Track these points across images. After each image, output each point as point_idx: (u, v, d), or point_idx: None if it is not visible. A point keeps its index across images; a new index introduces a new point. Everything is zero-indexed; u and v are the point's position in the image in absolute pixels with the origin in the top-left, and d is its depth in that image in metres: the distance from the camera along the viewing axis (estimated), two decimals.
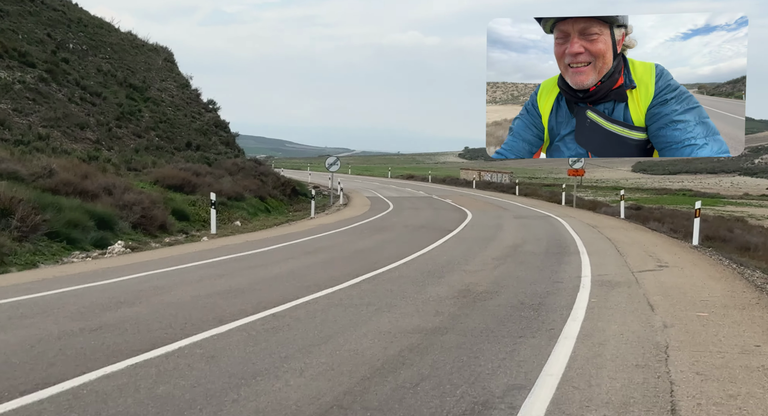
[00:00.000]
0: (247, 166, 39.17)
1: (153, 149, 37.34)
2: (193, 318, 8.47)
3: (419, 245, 17.61)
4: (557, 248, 17.40)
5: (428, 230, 22.43)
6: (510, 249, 17.12)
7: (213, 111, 45.73)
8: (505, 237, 20.26)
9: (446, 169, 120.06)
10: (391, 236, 20.32)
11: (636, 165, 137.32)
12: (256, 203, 32.44)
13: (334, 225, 24.36)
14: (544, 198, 45.91)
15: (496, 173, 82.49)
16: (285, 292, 10.29)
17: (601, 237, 20.81)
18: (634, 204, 52.35)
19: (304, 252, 15.96)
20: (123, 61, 43.13)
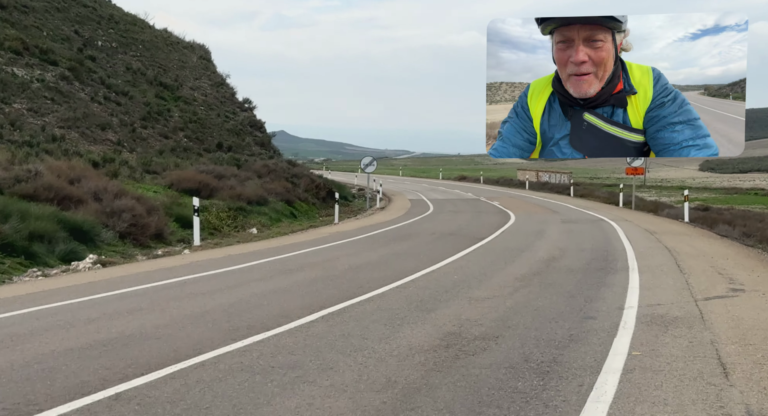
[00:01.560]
0: (279, 167, 36.42)
1: (180, 150, 34.91)
2: (33, 391, 5.46)
3: (433, 259, 14.36)
4: (601, 262, 13.93)
5: (456, 238, 19.11)
6: (542, 264, 13.72)
7: (249, 110, 43.18)
8: (543, 247, 16.82)
9: (504, 169, 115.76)
10: (407, 247, 17.10)
11: (703, 164, 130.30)
12: (281, 208, 29.57)
13: (352, 233, 21.26)
14: (601, 199, 41.93)
15: (554, 173, 78.30)
16: (192, 342, 7.20)
17: (659, 246, 17.17)
18: (701, 204, 48.02)
19: (284, 270, 12.87)
20: (155, 59, 40.91)
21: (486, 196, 43.58)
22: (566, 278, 11.88)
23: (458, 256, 14.97)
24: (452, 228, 22.46)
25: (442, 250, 16.09)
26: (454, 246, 17.05)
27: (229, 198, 26.91)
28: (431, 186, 59.17)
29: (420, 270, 12.81)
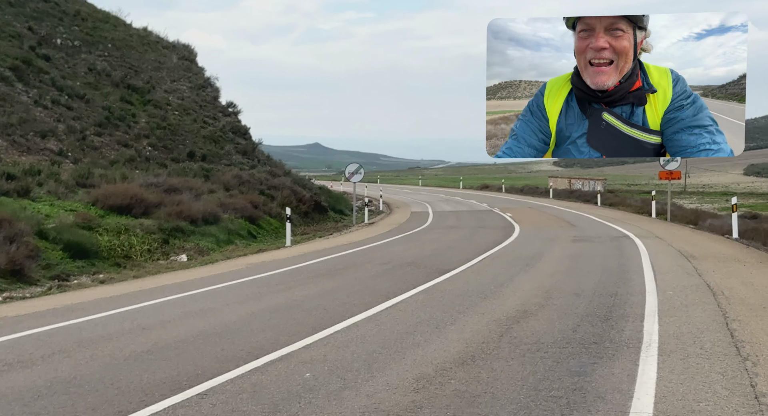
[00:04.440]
0: (256, 178, 31.09)
1: (141, 161, 29.79)
2: None
3: (336, 316, 8.79)
4: (598, 325, 8.17)
5: (413, 270, 13.46)
6: (497, 330, 8.01)
7: (232, 115, 37.98)
8: (521, 288, 11.08)
9: (538, 177, 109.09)
10: (330, 287, 11.49)
11: (748, 168, 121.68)
12: (238, 226, 24.13)
13: (289, 261, 15.76)
14: (632, 208, 35.72)
15: (588, 181, 71.89)
16: None
17: (698, 285, 11.28)
18: (749, 211, 41.54)
19: (81, 342, 7.38)
20: (125, 59, 35.99)
21: (501, 207, 37.68)
22: (517, 373, 6.18)
23: (378, 309, 9.33)
24: (424, 253, 16.79)
25: (371, 295, 10.49)
26: (395, 286, 11.42)
27: (168, 216, 21.60)
28: (447, 196, 53.30)
29: (284, 346, 7.24)
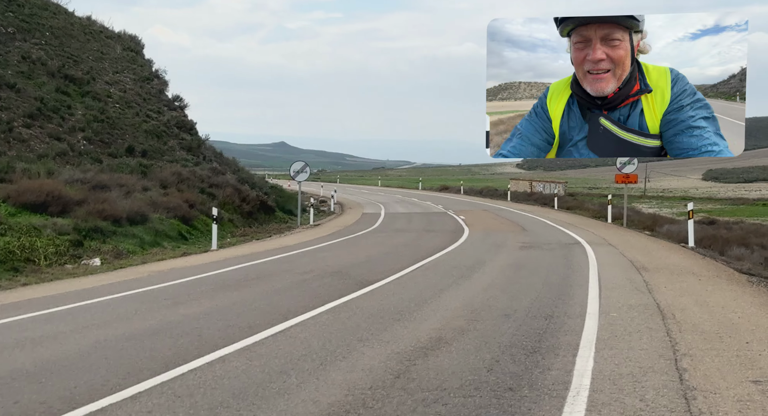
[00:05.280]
0: (197, 176, 29.19)
1: (74, 155, 27.71)
2: None
3: (204, 346, 7.12)
4: (519, 363, 6.58)
5: (334, 282, 11.80)
6: (397, 366, 6.39)
7: (178, 109, 35.96)
8: (447, 306, 9.47)
9: (500, 179, 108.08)
10: (228, 303, 9.78)
11: (707, 173, 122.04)
12: (169, 227, 22.25)
13: (204, 268, 14.03)
14: (589, 213, 34.46)
15: (549, 183, 71.00)
16: None
17: (647, 304, 9.77)
18: (707, 217, 40.72)
19: None
20: (64, 48, 33.79)
21: (456, 209, 36.20)
22: None
23: (264, 335, 7.64)
24: (356, 260, 15.16)
25: (267, 315, 8.82)
26: (302, 302, 9.75)
27: (88, 215, 19.69)
28: (404, 197, 51.73)
29: (106, 394, 5.53)
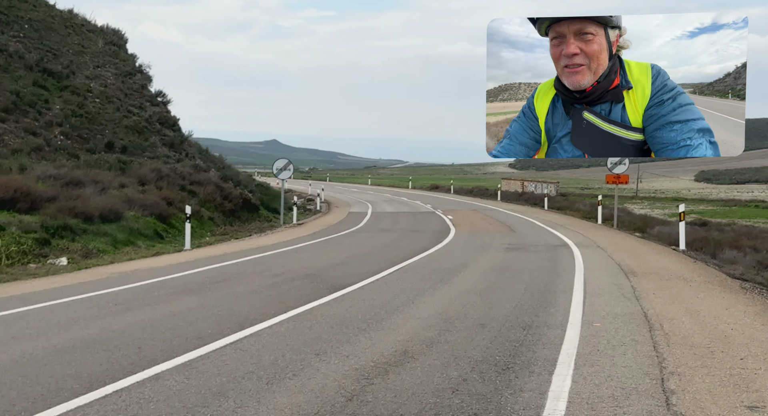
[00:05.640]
0: (178, 173, 28.41)
1: (50, 150, 26.90)
2: None
3: (146, 358, 6.38)
4: (488, 383, 5.87)
5: (299, 286, 11.08)
6: (352, 386, 5.67)
7: (161, 105, 35.13)
8: (418, 314, 8.77)
9: (492, 179, 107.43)
10: (183, 308, 9.06)
11: (699, 174, 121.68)
12: (144, 225, 21.47)
13: (171, 269, 13.28)
14: (579, 213, 33.80)
15: (540, 183, 70.50)
16: None
17: (633, 313, 9.08)
18: (699, 218, 40.19)
19: None
20: (43, 41, 32.94)
21: (444, 209, 35.50)
22: None
23: (213, 347, 6.93)
24: (333, 262, 14.44)
25: (222, 323, 8.12)
26: (264, 309, 9.04)
27: (58, 212, 18.94)
28: (393, 196, 50.98)
29: None
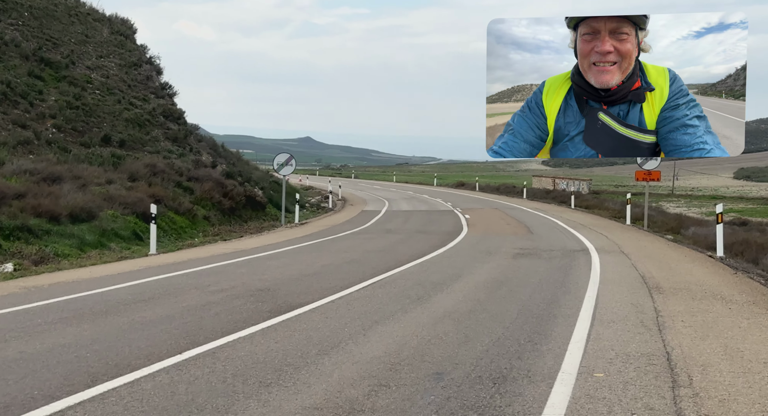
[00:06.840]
0: (175, 168, 26.49)
1: (40, 144, 25.16)
2: None
3: None
4: None
5: (238, 306, 8.92)
6: None
7: (167, 97, 33.28)
8: (359, 357, 6.53)
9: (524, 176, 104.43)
10: (32, 351, 6.96)
11: (738, 171, 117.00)
12: (123, 225, 19.48)
13: (110, 280, 11.21)
14: (608, 212, 31.17)
15: (573, 181, 67.87)
16: None
17: (652, 354, 6.70)
18: (738, 218, 37.37)
19: None
20: (43, 30, 31.30)
21: (464, 207, 33.12)
22: None
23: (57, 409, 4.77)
24: (303, 272, 12.23)
25: (73, 372, 5.98)
26: (169, 342, 6.90)
27: (20, 211, 17.08)
28: (415, 193, 48.63)
29: None
